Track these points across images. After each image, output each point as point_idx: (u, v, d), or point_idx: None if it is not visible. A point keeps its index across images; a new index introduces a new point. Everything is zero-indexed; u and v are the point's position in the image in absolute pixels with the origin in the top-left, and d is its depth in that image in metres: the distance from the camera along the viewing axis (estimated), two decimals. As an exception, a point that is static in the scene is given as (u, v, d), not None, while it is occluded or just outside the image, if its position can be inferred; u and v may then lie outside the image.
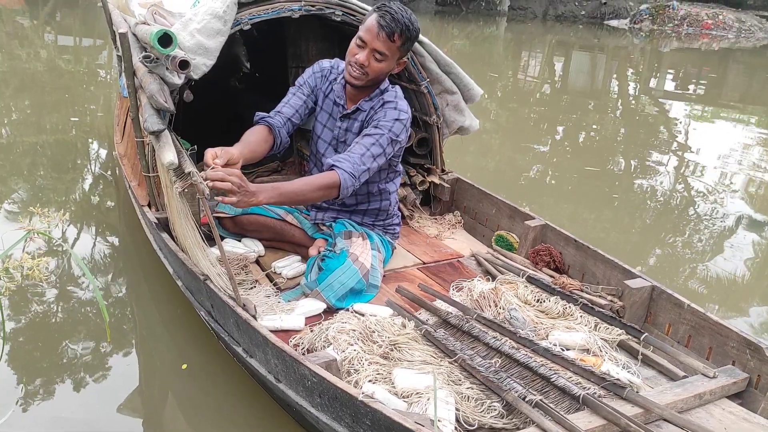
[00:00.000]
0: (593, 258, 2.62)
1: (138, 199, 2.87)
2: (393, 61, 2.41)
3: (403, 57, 2.45)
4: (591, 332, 2.23)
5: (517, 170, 5.46)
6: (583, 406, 1.79)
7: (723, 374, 1.99)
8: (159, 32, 2.19)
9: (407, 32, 2.34)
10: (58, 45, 9.68)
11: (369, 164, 2.34)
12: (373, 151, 2.36)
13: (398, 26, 2.30)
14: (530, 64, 12.23)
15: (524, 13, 19.47)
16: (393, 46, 2.34)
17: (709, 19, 17.83)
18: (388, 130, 2.40)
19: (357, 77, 2.39)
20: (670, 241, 4.29)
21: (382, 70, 2.39)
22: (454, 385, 1.89)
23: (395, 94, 2.51)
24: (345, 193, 2.28)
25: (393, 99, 2.48)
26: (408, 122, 2.48)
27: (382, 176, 2.63)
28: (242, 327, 2.00)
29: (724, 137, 7.22)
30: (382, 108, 2.47)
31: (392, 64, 2.42)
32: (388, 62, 2.38)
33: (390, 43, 2.32)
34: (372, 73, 2.38)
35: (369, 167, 2.34)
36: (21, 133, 5.35)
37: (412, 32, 2.36)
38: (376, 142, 2.38)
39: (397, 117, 2.43)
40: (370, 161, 2.34)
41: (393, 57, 2.38)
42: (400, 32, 2.31)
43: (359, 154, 2.32)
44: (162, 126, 2.26)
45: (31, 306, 2.86)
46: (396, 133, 2.42)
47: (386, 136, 2.39)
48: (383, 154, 2.40)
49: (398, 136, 2.43)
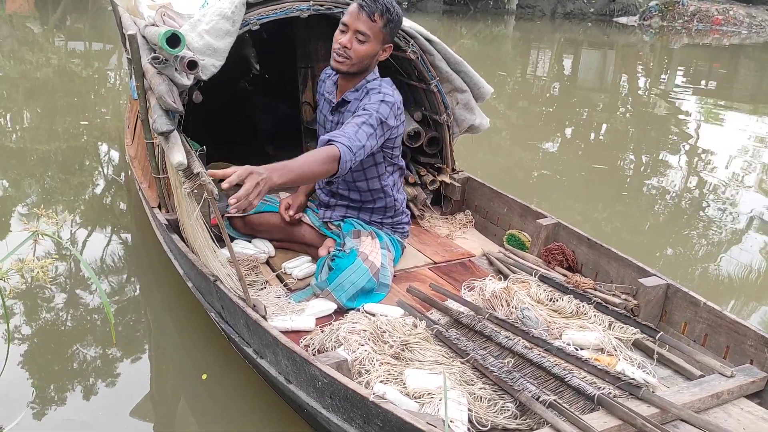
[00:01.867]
0: (606, 256, 2.59)
1: (148, 201, 2.87)
2: (377, 44, 2.39)
3: (388, 42, 2.44)
4: (605, 331, 2.20)
5: (528, 168, 5.43)
6: (598, 407, 1.77)
7: (741, 373, 1.95)
8: (167, 33, 2.18)
9: (388, 13, 2.35)
10: (68, 50, 9.73)
11: (363, 141, 2.27)
12: (365, 129, 2.31)
13: (378, 6, 2.34)
14: (539, 63, 12.17)
15: (533, 12, 19.39)
16: (375, 27, 2.35)
17: (720, 14, 17.66)
18: (375, 111, 2.36)
19: (341, 61, 2.40)
20: (683, 239, 4.24)
21: (366, 52, 2.39)
22: (467, 386, 1.87)
23: (380, 83, 2.50)
24: (344, 167, 2.21)
25: (377, 86, 2.47)
26: (395, 107, 2.43)
27: (380, 170, 2.61)
28: (252, 328, 1.99)
29: (736, 134, 7.13)
30: (366, 95, 2.47)
31: (376, 47, 2.40)
32: (371, 44, 2.38)
33: (371, 23, 2.34)
34: (356, 56, 2.38)
35: (364, 144, 2.27)
36: (32, 137, 5.38)
37: (393, 15, 2.37)
38: (366, 122, 2.32)
39: (382, 99, 2.40)
40: (364, 138, 2.28)
41: (376, 39, 2.38)
42: (380, 12, 2.34)
43: (353, 131, 2.28)
44: (171, 127, 2.25)
45: (41, 309, 2.86)
46: (383, 114, 2.37)
47: (374, 116, 2.35)
48: (374, 135, 2.34)
49: (386, 118, 2.38)
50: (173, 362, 2.66)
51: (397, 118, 2.47)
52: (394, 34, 2.46)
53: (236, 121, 4.34)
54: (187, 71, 2.23)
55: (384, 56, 2.48)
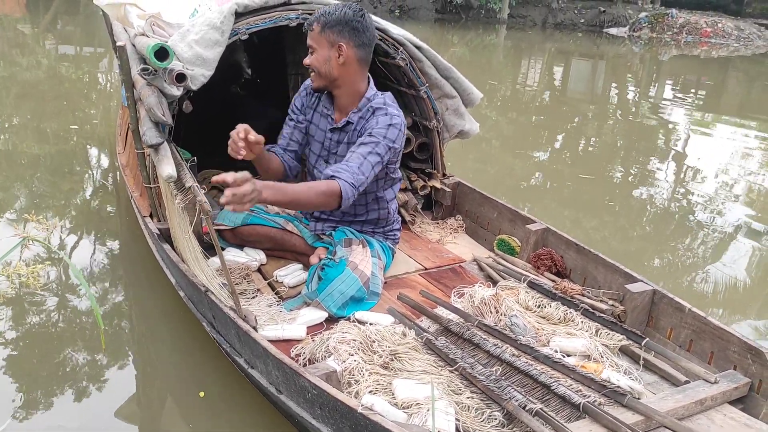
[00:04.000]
0: (594, 262, 2.62)
1: (140, 210, 2.88)
2: (324, 49, 2.42)
3: (336, 41, 2.39)
4: (592, 338, 2.23)
5: (517, 177, 5.46)
6: (583, 415, 1.80)
7: (724, 379, 1.99)
8: (155, 46, 2.20)
9: (323, 17, 2.40)
10: (58, 53, 9.71)
11: (367, 173, 2.33)
12: (370, 159, 2.35)
13: (315, 16, 2.43)
14: (530, 72, 12.21)
15: (524, 21, 19.47)
16: (314, 35, 2.42)
17: (708, 27, 17.78)
18: (383, 137, 2.39)
19: (313, 79, 2.51)
20: (671, 248, 4.28)
21: (318, 60, 2.44)
22: (454, 395, 1.89)
23: (384, 100, 2.50)
24: (346, 203, 2.27)
25: (382, 105, 2.48)
26: (402, 126, 2.46)
27: (379, 185, 2.62)
28: (243, 338, 2.01)
29: (724, 144, 7.21)
30: (373, 116, 2.47)
31: (325, 52, 2.42)
32: (317, 52, 2.43)
33: (311, 33, 2.43)
34: (315, 68, 2.45)
35: (367, 176, 2.33)
36: (21, 140, 5.37)
37: (329, 17, 2.39)
38: (373, 151, 2.36)
39: (390, 122, 2.42)
40: (368, 170, 2.33)
41: (321, 45, 2.42)
42: (317, 19, 2.41)
43: (357, 164, 2.31)
44: (160, 139, 2.27)
45: (30, 314, 2.87)
46: (392, 139, 2.41)
47: (382, 144, 2.38)
48: (381, 162, 2.39)
49: (394, 142, 2.42)
50: (164, 371, 2.66)
51: (403, 135, 2.50)
52: (342, 32, 2.39)
53: (228, 127, 4.34)
54: (175, 84, 2.24)
55: (342, 58, 2.41)
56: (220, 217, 2.73)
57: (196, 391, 2.46)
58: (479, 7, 19.15)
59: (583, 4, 20.08)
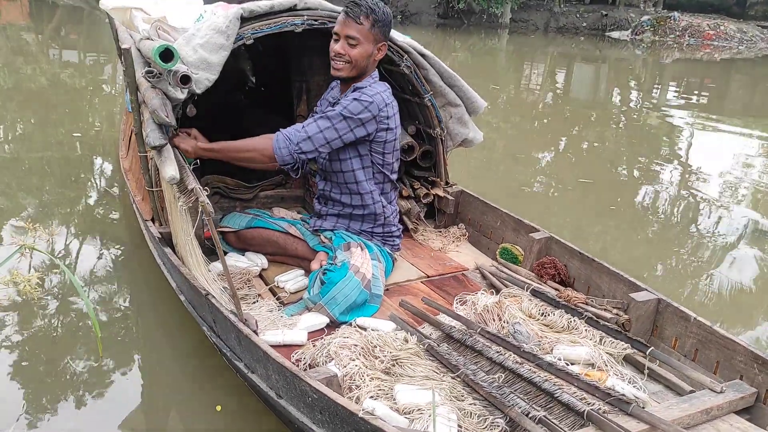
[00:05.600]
0: (598, 271, 2.60)
1: (142, 214, 2.87)
2: (370, 45, 2.50)
3: (381, 41, 2.53)
4: (596, 346, 2.20)
5: (520, 182, 5.45)
6: (587, 423, 1.77)
7: (730, 389, 1.96)
8: (160, 47, 2.19)
9: (373, 14, 2.45)
10: (62, 60, 9.75)
11: (312, 132, 2.45)
12: (319, 123, 2.48)
13: (362, 10, 2.45)
14: (532, 76, 12.25)
15: (526, 26, 19.54)
16: (362, 29, 2.46)
17: (711, 29, 17.84)
18: (342, 107, 2.48)
19: (340, 68, 2.52)
20: (675, 254, 4.25)
21: (360, 54, 2.49)
22: (457, 401, 1.87)
23: (371, 82, 2.58)
24: (279, 153, 2.43)
25: (362, 86, 2.56)
26: (371, 105, 2.49)
27: (367, 175, 2.66)
28: (243, 342, 1.99)
29: (728, 148, 7.18)
30: (350, 93, 2.57)
31: (370, 48, 2.50)
32: (363, 46, 2.48)
33: (358, 26, 2.46)
34: (353, 59, 2.49)
35: (311, 135, 2.45)
36: (25, 148, 5.37)
37: (380, 14, 2.47)
38: (325, 115, 2.49)
39: (357, 97, 2.50)
40: (314, 129, 2.46)
41: (367, 40, 2.48)
42: (365, 14, 2.45)
43: (304, 124, 2.49)
44: (164, 141, 2.26)
45: (33, 321, 2.85)
46: (351, 110, 2.47)
47: (338, 111, 2.47)
48: (332, 128, 2.47)
49: (353, 113, 2.47)
50: (166, 375, 2.64)
51: (378, 118, 2.53)
52: (386, 33, 2.54)
53: (231, 134, 4.34)
54: (180, 86, 2.24)
55: (380, 55, 2.57)
56: (225, 221, 2.72)
57: (195, 397, 2.44)
58: (481, 12, 19.25)
59: (585, 8, 20.19)
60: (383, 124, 2.55)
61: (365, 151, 2.60)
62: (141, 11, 3.08)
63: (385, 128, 2.57)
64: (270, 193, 3.43)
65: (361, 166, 2.63)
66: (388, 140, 2.62)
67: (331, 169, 2.65)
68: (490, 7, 19.00)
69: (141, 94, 2.48)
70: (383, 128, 2.56)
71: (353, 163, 2.61)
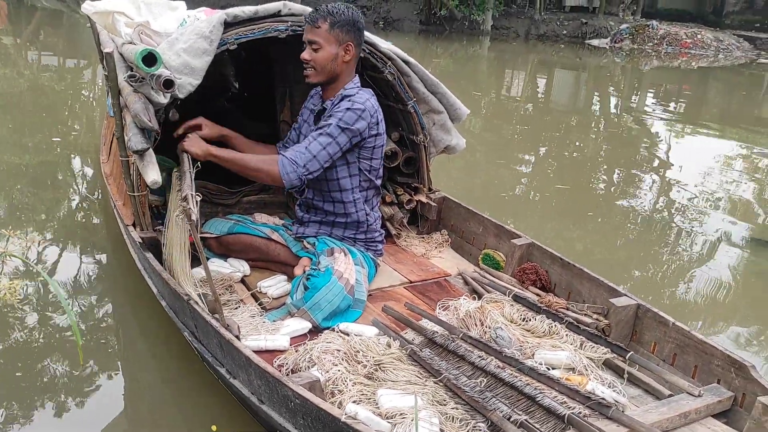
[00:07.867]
0: (579, 276, 2.63)
1: (123, 219, 2.85)
2: (332, 46, 2.50)
3: (346, 41, 2.52)
4: (576, 351, 2.23)
5: (501, 188, 5.49)
6: (568, 426, 1.79)
7: (708, 393, 1.99)
8: (143, 51, 2.19)
9: (331, 16, 2.47)
10: (41, 64, 9.63)
11: (316, 151, 2.45)
12: (320, 140, 2.47)
13: (320, 14, 2.48)
14: (513, 83, 12.34)
15: (507, 33, 19.70)
16: (321, 32, 2.48)
17: (688, 38, 18.11)
18: (338, 119, 2.49)
19: (308, 75, 2.56)
20: (653, 258, 4.31)
21: (324, 58, 2.51)
22: (439, 406, 1.88)
23: (357, 90, 2.59)
24: (287, 178, 2.43)
25: (351, 93, 2.57)
26: (365, 114, 2.51)
27: (353, 183, 2.66)
28: (225, 348, 1.98)
29: (705, 154, 7.28)
30: (340, 101, 2.57)
31: (333, 50, 2.51)
32: (325, 49, 2.50)
33: (317, 29, 2.48)
34: (317, 64, 2.52)
35: (315, 155, 2.45)
36: (3, 152, 5.30)
37: (337, 16, 2.48)
38: (324, 132, 2.48)
39: (349, 106, 2.50)
40: (317, 148, 2.46)
41: (328, 42, 2.50)
42: (323, 17, 2.47)
43: (306, 144, 2.47)
44: (146, 145, 2.25)
45: (10, 329, 2.81)
46: (347, 121, 2.48)
47: (335, 124, 2.48)
48: (334, 143, 2.48)
49: (350, 124, 2.48)
50: (146, 382, 2.62)
51: (371, 124, 2.55)
52: (350, 32, 2.53)
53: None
54: (163, 90, 2.23)
55: (348, 56, 2.55)
56: (206, 226, 2.71)
57: (176, 402, 2.42)
58: (463, 19, 19.35)
59: (565, 16, 20.39)
60: (373, 130, 2.58)
61: (353, 159, 2.61)
62: (123, 15, 3.06)
63: (375, 134, 2.60)
64: (252, 198, 3.42)
65: (347, 174, 2.63)
66: (376, 146, 2.64)
67: (316, 177, 2.65)
68: (472, 14, 19.13)
69: (123, 98, 2.47)
70: (373, 134, 2.59)
71: (339, 171, 2.62)
